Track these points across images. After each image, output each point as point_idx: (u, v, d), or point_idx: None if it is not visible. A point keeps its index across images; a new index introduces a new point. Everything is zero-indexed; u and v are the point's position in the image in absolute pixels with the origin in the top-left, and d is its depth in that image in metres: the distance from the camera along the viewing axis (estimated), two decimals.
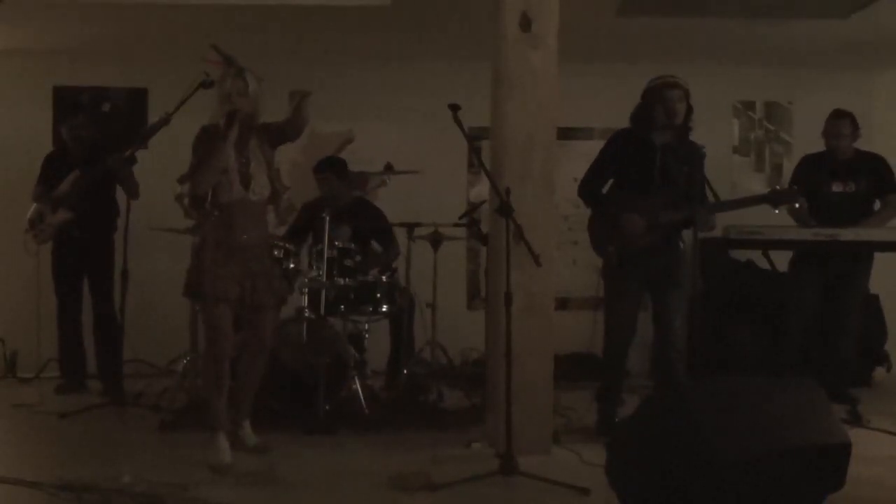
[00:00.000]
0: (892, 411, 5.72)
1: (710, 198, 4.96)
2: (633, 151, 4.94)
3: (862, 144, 6.04)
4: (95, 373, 6.31)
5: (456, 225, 6.14)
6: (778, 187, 4.90)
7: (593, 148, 5.54)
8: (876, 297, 6.86)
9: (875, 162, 5.99)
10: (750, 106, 7.76)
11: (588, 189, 5.07)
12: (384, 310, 5.71)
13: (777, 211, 4.82)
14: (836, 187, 5.94)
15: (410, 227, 6.00)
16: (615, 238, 4.93)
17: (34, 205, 6.13)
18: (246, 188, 4.52)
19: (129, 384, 5.82)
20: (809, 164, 6.09)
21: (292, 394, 5.20)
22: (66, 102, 7.09)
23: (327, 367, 5.14)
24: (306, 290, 5.37)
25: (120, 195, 6.11)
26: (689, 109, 4.85)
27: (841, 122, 5.87)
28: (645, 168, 4.88)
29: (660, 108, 4.84)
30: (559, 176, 4.96)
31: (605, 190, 5.09)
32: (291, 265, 5.25)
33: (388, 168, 6.12)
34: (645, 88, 4.96)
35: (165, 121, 5.51)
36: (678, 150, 4.88)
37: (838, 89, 7.23)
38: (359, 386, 5.29)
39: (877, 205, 6.02)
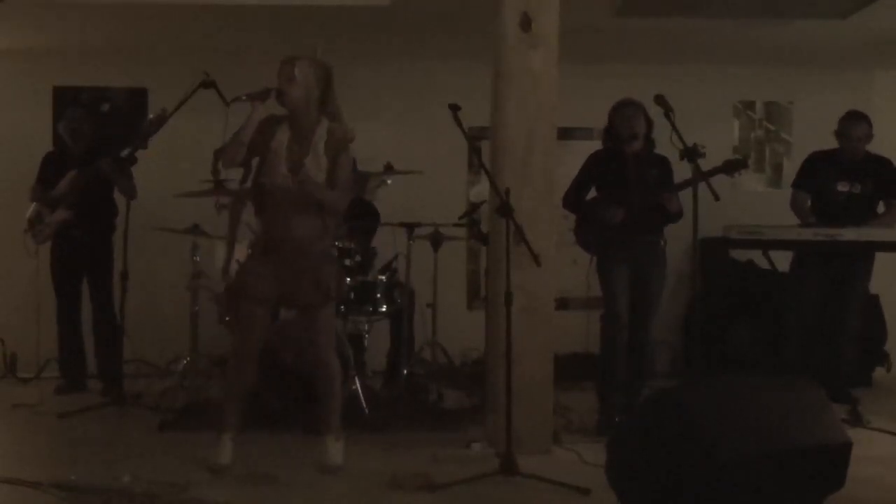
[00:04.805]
0: (892, 411, 5.72)
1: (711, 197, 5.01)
2: (608, 163, 5.36)
3: None
4: (95, 373, 6.30)
5: (456, 225, 6.14)
6: (728, 159, 5.27)
7: (593, 148, 5.57)
8: (876, 297, 6.86)
9: (882, 165, 6.00)
10: (750, 106, 7.76)
11: (570, 200, 5.45)
12: (384, 310, 5.70)
13: (733, 177, 5.20)
14: (842, 187, 5.95)
15: (410, 227, 6.00)
16: (598, 230, 5.25)
17: (33, 205, 6.13)
18: (294, 175, 4.25)
19: (129, 384, 5.82)
20: (817, 162, 6.10)
21: (292, 394, 5.19)
22: (66, 102, 7.07)
23: None
24: None
25: (119, 195, 6.10)
26: (649, 123, 5.27)
27: (860, 125, 5.86)
28: (619, 174, 5.29)
29: (621, 122, 5.29)
30: (559, 176, 4.97)
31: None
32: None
33: (388, 168, 6.11)
34: (609, 110, 5.37)
35: (162, 118, 5.52)
36: (646, 158, 5.32)
37: (838, 89, 7.23)
38: (359, 386, 5.29)
39: (880, 207, 6.03)
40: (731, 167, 5.12)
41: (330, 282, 4.35)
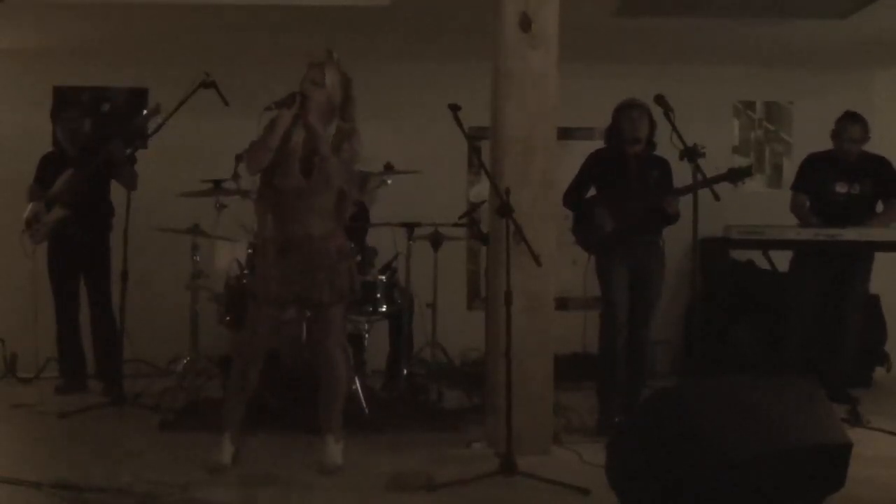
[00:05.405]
0: (892, 411, 5.72)
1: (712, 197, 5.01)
2: (609, 163, 5.36)
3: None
4: (95, 373, 6.30)
5: (456, 225, 6.13)
6: (733, 166, 5.27)
7: (593, 148, 5.58)
8: (876, 297, 6.86)
9: (880, 164, 6.00)
10: (750, 106, 7.76)
11: (570, 199, 5.44)
12: (384, 310, 5.70)
13: (737, 185, 5.26)
14: (841, 188, 5.96)
15: (410, 227, 5.99)
16: (595, 231, 5.26)
17: (30, 205, 6.12)
18: (306, 176, 4.24)
19: (129, 384, 5.80)
20: (815, 163, 6.10)
21: (292, 394, 5.19)
22: (66, 102, 7.07)
23: None
24: None
25: (115, 195, 6.11)
26: (653, 125, 5.27)
27: (854, 126, 5.88)
28: (620, 175, 5.29)
29: (626, 124, 5.27)
30: (559, 176, 4.97)
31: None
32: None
33: (388, 168, 6.11)
34: (614, 109, 5.35)
35: (157, 112, 5.54)
36: (647, 160, 5.33)
37: (838, 89, 7.23)
38: (359, 386, 5.29)
39: (879, 206, 6.03)
40: (735, 175, 5.10)
41: (344, 281, 4.36)
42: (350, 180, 4.38)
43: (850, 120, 5.91)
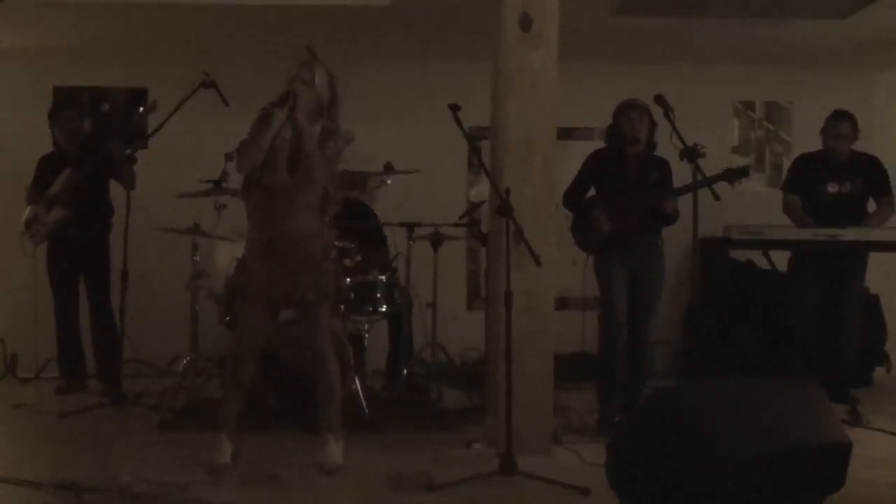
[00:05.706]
0: (892, 411, 5.72)
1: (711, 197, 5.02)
2: (609, 163, 5.36)
3: (861, 144, 6.05)
4: (95, 373, 6.30)
5: (456, 225, 6.13)
6: (730, 167, 5.27)
7: (593, 148, 5.59)
8: (876, 297, 6.86)
9: (870, 164, 6.01)
10: (750, 106, 7.76)
11: (570, 199, 5.43)
12: (384, 310, 5.70)
13: (733, 186, 5.18)
14: (832, 187, 5.96)
15: (410, 227, 5.99)
16: (593, 232, 5.26)
17: (28, 207, 6.12)
18: (292, 174, 4.28)
19: (129, 384, 5.82)
20: (805, 164, 6.11)
21: (292, 394, 5.19)
22: (65, 102, 7.05)
23: None
24: None
25: (115, 195, 6.11)
26: (653, 125, 5.28)
27: (842, 123, 5.88)
28: (620, 175, 5.29)
29: (626, 124, 5.27)
30: (559, 176, 4.97)
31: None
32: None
33: (388, 168, 6.11)
34: (614, 109, 5.35)
35: (153, 108, 5.54)
36: (647, 160, 5.33)
37: (838, 89, 7.23)
38: (359, 386, 5.29)
39: (871, 205, 6.03)
40: (732, 175, 5.12)
41: (329, 280, 4.38)
42: (333, 179, 4.41)
43: (838, 117, 5.92)
